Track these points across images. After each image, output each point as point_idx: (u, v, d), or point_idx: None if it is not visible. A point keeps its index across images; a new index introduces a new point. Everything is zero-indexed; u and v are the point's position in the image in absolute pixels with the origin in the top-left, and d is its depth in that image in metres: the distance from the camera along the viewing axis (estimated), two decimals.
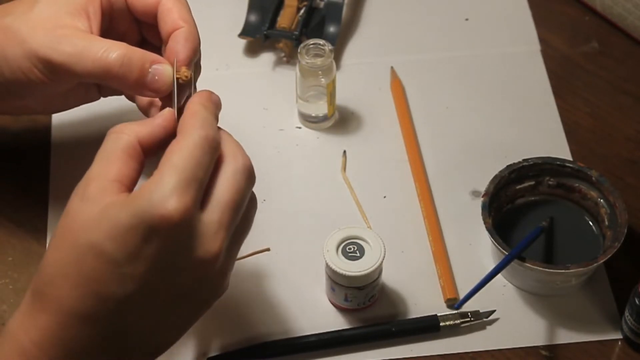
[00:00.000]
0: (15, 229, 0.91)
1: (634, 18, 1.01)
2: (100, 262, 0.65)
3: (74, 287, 0.65)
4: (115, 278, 0.65)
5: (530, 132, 0.97)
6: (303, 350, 0.84)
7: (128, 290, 0.65)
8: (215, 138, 0.68)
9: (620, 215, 0.85)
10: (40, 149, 0.95)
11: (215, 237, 0.66)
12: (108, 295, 0.65)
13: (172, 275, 0.66)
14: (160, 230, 0.64)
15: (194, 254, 0.66)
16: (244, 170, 0.69)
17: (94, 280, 0.65)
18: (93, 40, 0.77)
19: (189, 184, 0.65)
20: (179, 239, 0.65)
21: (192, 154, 0.66)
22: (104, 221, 0.65)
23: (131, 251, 0.64)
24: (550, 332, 0.85)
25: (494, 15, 1.06)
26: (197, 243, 0.66)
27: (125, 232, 0.64)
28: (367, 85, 1.00)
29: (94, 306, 0.65)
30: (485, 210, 0.85)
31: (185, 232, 0.65)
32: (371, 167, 0.95)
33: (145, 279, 0.65)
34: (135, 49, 0.76)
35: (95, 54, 0.75)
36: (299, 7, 1.02)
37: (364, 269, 0.82)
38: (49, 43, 0.77)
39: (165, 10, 0.78)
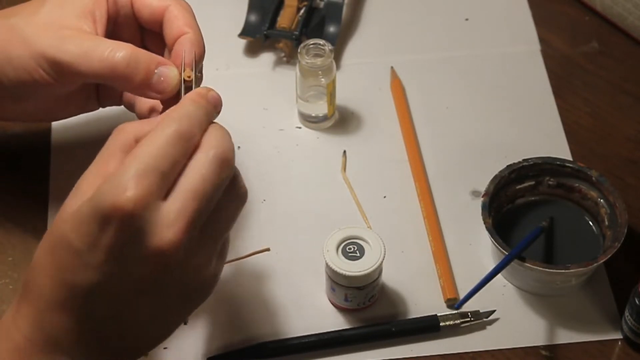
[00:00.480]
0: (15, 229, 0.91)
1: (634, 18, 1.01)
2: (66, 252, 0.65)
3: (49, 277, 0.66)
4: (79, 268, 0.65)
5: (530, 132, 0.97)
6: (303, 350, 0.84)
7: (92, 280, 0.65)
8: (190, 131, 0.67)
9: (620, 215, 0.85)
10: (40, 150, 0.95)
11: (172, 226, 0.65)
12: (75, 284, 0.66)
13: (130, 264, 0.66)
14: (114, 218, 0.64)
15: (149, 243, 0.65)
16: (215, 159, 0.67)
17: (63, 270, 0.66)
18: (99, 41, 0.77)
19: (148, 174, 0.65)
20: (133, 228, 0.65)
21: (158, 146, 0.66)
22: (72, 213, 0.65)
23: (90, 240, 0.65)
24: (550, 332, 0.85)
25: (494, 15, 1.06)
26: (153, 232, 0.65)
27: (84, 221, 0.65)
28: (367, 85, 1.00)
29: (65, 295, 0.66)
30: (485, 210, 0.85)
31: (139, 221, 0.65)
32: (371, 167, 0.95)
33: (105, 269, 0.65)
34: (142, 50, 0.76)
35: (101, 54, 0.76)
36: (299, 7, 1.02)
37: (364, 269, 0.82)
38: (55, 43, 0.77)
39: (172, 16, 0.79)
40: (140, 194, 0.64)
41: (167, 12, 0.79)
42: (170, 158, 0.66)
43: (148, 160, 0.65)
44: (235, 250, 0.89)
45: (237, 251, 0.88)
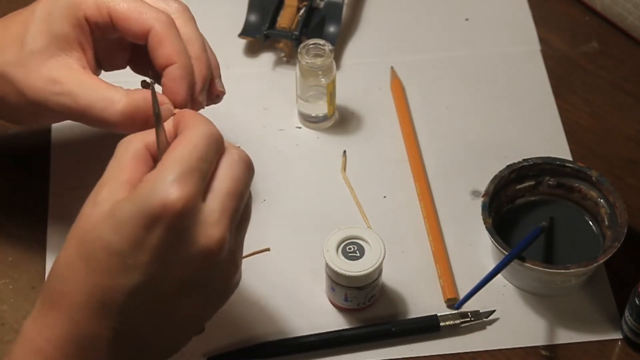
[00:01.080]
0: (15, 229, 0.91)
1: (634, 18, 1.01)
2: (105, 254, 0.65)
3: (82, 282, 0.66)
4: (120, 270, 0.65)
5: (530, 132, 0.97)
6: (303, 350, 0.84)
7: (134, 281, 0.65)
8: (219, 136, 0.69)
9: (620, 215, 0.85)
10: (40, 150, 0.95)
11: (217, 225, 0.66)
12: (115, 288, 0.65)
13: (176, 264, 0.66)
14: (162, 218, 0.64)
15: (197, 243, 0.66)
16: (241, 160, 0.70)
17: (100, 274, 0.65)
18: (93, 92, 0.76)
19: (190, 174, 0.65)
20: (181, 228, 0.65)
21: (195, 147, 0.67)
22: (109, 216, 0.65)
23: (134, 241, 0.65)
24: (550, 332, 0.85)
25: (494, 15, 1.06)
26: (200, 232, 0.66)
27: (127, 222, 0.64)
28: (367, 85, 1.00)
29: (103, 300, 0.66)
30: (485, 210, 0.85)
31: (187, 220, 0.65)
32: (371, 167, 0.95)
33: (149, 269, 0.65)
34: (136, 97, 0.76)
35: (98, 113, 0.76)
36: (299, 7, 1.02)
37: (364, 269, 0.82)
38: (49, 96, 0.77)
39: (156, 42, 0.77)
40: (186, 194, 0.65)
41: (151, 37, 0.77)
42: (208, 159, 0.67)
43: (189, 161, 0.66)
44: None
45: None
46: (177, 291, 0.67)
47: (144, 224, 0.64)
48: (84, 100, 0.76)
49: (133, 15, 0.77)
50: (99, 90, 0.76)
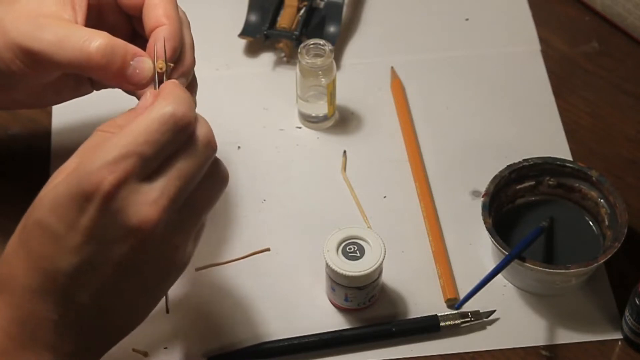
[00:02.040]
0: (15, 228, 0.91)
1: (634, 18, 1.01)
2: (43, 236, 0.65)
3: (24, 264, 0.66)
4: (57, 251, 0.65)
5: (530, 132, 0.97)
6: (303, 350, 0.84)
7: (72, 263, 0.65)
8: (186, 116, 0.67)
9: (620, 215, 0.85)
10: (40, 152, 0.95)
11: (152, 205, 0.65)
12: (54, 269, 0.65)
13: (109, 244, 0.66)
14: (93, 199, 0.64)
15: (128, 222, 0.65)
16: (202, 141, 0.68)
17: (40, 256, 0.66)
18: (75, 29, 0.75)
19: (127, 156, 0.64)
20: (113, 208, 0.65)
21: (146, 129, 0.65)
22: (46, 196, 0.65)
23: (69, 222, 0.65)
24: (550, 332, 0.85)
25: (494, 15, 1.06)
26: (133, 212, 0.65)
27: (62, 203, 0.65)
28: (367, 85, 1.00)
29: (43, 281, 0.66)
30: (485, 210, 0.85)
31: (119, 201, 0.65)
32: (371, 167, 0.95)
33: (85, 251, 0.65)
34: (118, 40, 0.75)
35: (76, 43, 0.74)
36: (299, 7, 1.02)
37: (364, 269, 0.82)
38: (30, 32, 0.76)
39: (151, 5, 0.77)
40: (119, 175, 0.64)
41: (147, 0, 0.77)
42: (157, 142, 0.66)
43: (131, 143, 0.65)
44: (235, 250, 0.89)
45: (237, 251, 0.88)
46: (112, 272, 0.67)
47: (76, 204, 0.64)
48: (64, 34, 0.75)
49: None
50: (81, 28, 0.76)
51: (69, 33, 0.75)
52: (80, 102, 0.87)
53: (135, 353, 0.83)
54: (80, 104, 0.88)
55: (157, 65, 0.74)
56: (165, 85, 0.71)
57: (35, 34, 0.75)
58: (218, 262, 0.87)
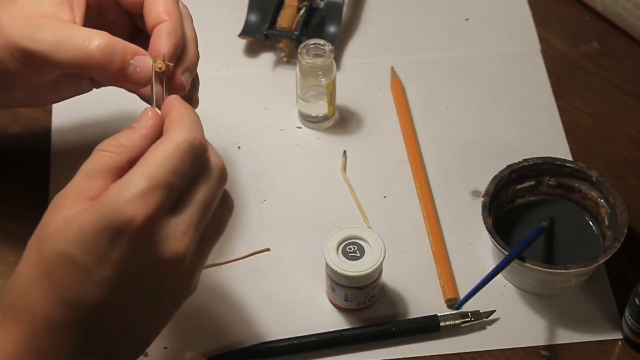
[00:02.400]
0: (15, 229, 0.91)
1: (634, 18, 1.01)
2: (68, 269, 0.64)
3: (45, 296, 0.64)
4: (84, 285, 0.64)
5: (530, 132, 0.97)
6: (303, 350, 0.84)
7: (98, 296, 0.64)
8: (202, 143, 0.67)
9: (620, 215, 0.85)
10: (40, 151, 0.95)
11: (182, 238, 0.65)
12: (78, 303, 0.64)
13: (139, 277, 0.65)
14: (125, 233, 0.63)
15: (160, 255, 0.65)
16: (216, 170, 0.68)
17: (63, 288, 0.64)
18: (74, 29, 0.75)
19: (158, 188, 0.64)
20: (143, 242, 0.64)
21: (169, 159, 0.65)
22: (71, 227, 0.64)
23: (98, 256, 0.63)
24: (550, 332, 0.85)
25: (494, 15, 1.06)
26: (164, 245, 0.65)
27: (91, 236, 0.63)
28: (367, 85, 1.00)
29: (65, 315, 0.65)
30: (485, 210, 0.85)
31: (150, 234, 0.64)
32: (371, 167, 0.95)
33: (113, 284, 0.64)
34: (117, 39, 0.74)
35: (75, 43, 0.74)
36: (299, 7, 1.02)
37: (364, 269, 0.82)
38: (28, 32, 0.75)
39: (151, 2, 0.76)
40: (148, 210, 0.63)
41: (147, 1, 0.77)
42: (181, 173, 0.65)
43: (158, 175, 0.64)
44: (235, 250, 0.89)
45: (237, 251, 0.88)
46: (139, 303, 0.66)
47: (108, 238, 0.63)
48: (62, 34, 0.74)
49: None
50: (80, 28, 0.75)
51: (67, 33, 0.75)
52: (80, 101, 0.87)
53: None
54: (80, 103, 0.88)
55: (156, 65, 0.73)
56: (170, 104, 0.69)
57: (33, 35, 0.75)
58: (218, 262, 0.87)
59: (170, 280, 0.67)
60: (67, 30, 0.75)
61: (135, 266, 0.65)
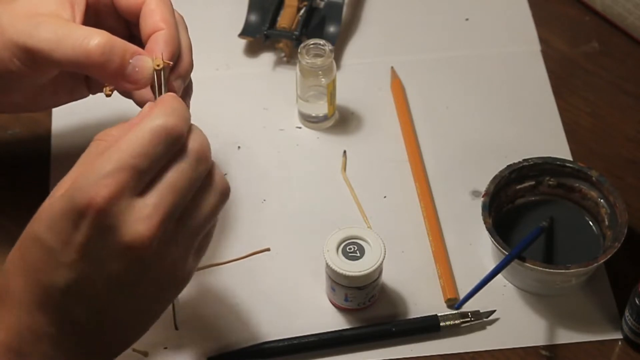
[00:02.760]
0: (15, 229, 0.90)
1: (634, 18, 1.01)
2: (40, 251, 0.65)
3: (22, 279, 0.66)
4: (53, 267, 0.65)
5: (530, 132, 0.97)
6: (303, 350, 0.84)
7: (67, 278, 0.65)
8: (177, 127, 0.66)
9: (620, 215, 0.85)
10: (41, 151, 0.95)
11: (146, 221, 0.65)
12: (51, 285, 0.65)
13: (104, 261, 0.65)
14: (87, 215, 0.64)
15: (122, 238, 0.65)
16: (192, 153, 0.67)
17: (36, 271, 0.66)
18: (73, 27, 0.75)
19: (123, 170, 0.64)
20: (105, 224, 0.64)
21: (139, 142, 0.65)
22: (44, 210, 0.65)
23: (64, 238, 0.64)
24: (550, 332, 0.85)
25: (494, 15, 1.06)
26: (126, 228, 0.65)
27: (58, 219, 0.64)
28: (367, 85, 1.00)
29: (41, 295, 0.66)
30: (485, 210, 0.85)
31: (113, 217, 0.64)
32: (371, 167, 0.95)
33: (79, 266, 0.65)
34: (117, 39, 0.74)
35: (75, 41, 0.74)
36: (299, 7, 1.02)
37: (364, 269, 0.82)
38: (28, 30, 0.75)
39: (148, 11, 0.76)
40: (110, 191, 0.64)
41: (145, 6, 0.77)
42: (152, 156, 0.65)
43: (124, 157, 0.64)
44: (235, 250, 0.89)
45: (237, 251, 0.88)
46: (108, 288, 0.66)
47: (72, 220, 0.64)
48: (62, 32, 0.75)
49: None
50: (80, 26, 0.75)
51: (67, 31, 0.75)
52: (81, 102, 0.87)
53: (135, 353, 0.83)
54: (80, 104, 0.88)
55: (155, 62, 0.73)
56: (163, 97, 0.70)
57: (33, 32, 0.75)
58: (218, 262, 0.87)
59: (139, 266, 0.66)
60: (66, 28, 0.75)
61: (99, 249, 0.65)
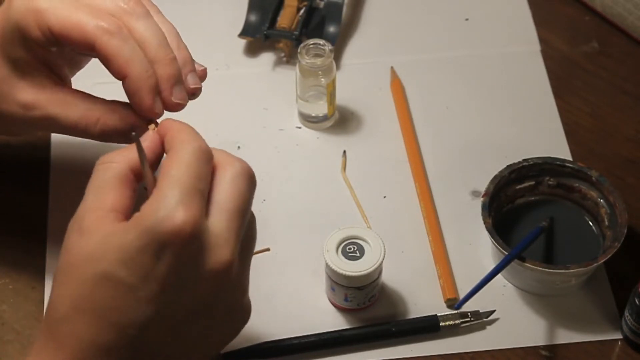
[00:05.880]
0: (15, 229, 0.91)
1: (634, 18, 1.01)
2: (114, 290, 0.63)
3: (91, 320, 0.63)
4: (132, 304, 0.63)
5: (530, 132, 0.97)
6: (303, 350, 0.84)
7: (147, 314, 0.63)
8: (208, 148, 0.67)
9: (620, 215, 0.85)
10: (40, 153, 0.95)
11: (225, 245, 0.64)
12: (127, 324, 0.63)
13: (187, 289, 0.64)
14: (171, 245, 0.62)
15: (207, 265, 0.64)
16: (243, 173, 0.67)
17: (110, 310, 0.63)
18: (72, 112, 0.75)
19: (192, 195, 0.63)
20: (190, 252, 0.63)
21: (189, 166, 0.65)
22: (110, 248, 0.63)
23: (144, 273, 0.62)
24: (550, 332, 0.85)
25: (494, 15, 1.06)
26: (209, 253, 0.64)
27: (135, 254, 0.62)
28: (367, 85, 1.00)
29: (114, 337, 0.63)
30: (485, 210, 0.85)
31: (196, 243, 0.63)
32: (371, 167, 0.95)
33: (162, 300, 0.63)
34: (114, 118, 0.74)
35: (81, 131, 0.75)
36: (299, 7, 1.02)
37: (364, 269, 0.82)
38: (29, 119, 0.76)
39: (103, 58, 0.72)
40: (192, 216, 0.63)
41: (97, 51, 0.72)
42: (203, 177, 0.65)
43: (188, 182, 0.64)
44: None
45: None
46: (187, 317, 0.65)
47: (153, 253, 0.62)
48: (65, 121, 0.75)
49: (73, 31, 0.72)
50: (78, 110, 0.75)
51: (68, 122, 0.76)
52: None
53: None
54: None
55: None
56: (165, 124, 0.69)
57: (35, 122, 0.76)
58: None
59: (219, 292, 0.65)
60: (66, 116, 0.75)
61: (183, 279, 0.63)
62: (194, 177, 0.64)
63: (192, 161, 0.65)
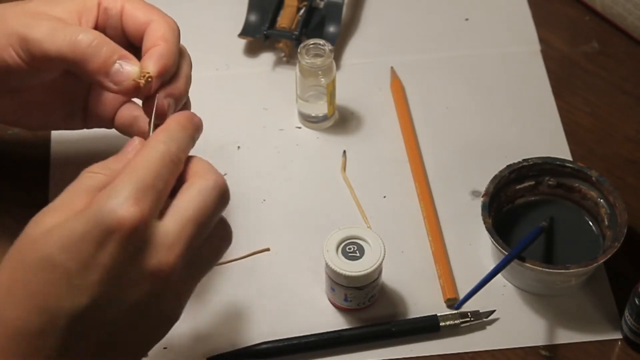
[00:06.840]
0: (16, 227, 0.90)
1: (634, 18, 1.01)
2: (50, 274, 0.62)
3: (20, 304, 0.63)
4: (66, 291, 0.62)
5: (530, 132, 0.97)
6: (303, 350, 0.84)
7: (80, 303, 0.63)
8: (178, 154, 0.67)
9: (620, 215, 0.85)
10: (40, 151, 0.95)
11: (171, 249, 0.64)
12: (58, 310, 0.63)
13: (124, 285, 0.64)
14: (115, 235, 0.62)
15: (148, 263, 0.64)
16: (215, 187, 0.67)
17: (42, 295, 0.63)
18: (70, 24, 0.76)
19: (146, 192, 0.64)
20: (134, 246, 0.63)
21: (150, 164, 0.65)
22: (56, 233, 0.63)
23: (83, 259, 0.62)
24: (550, 332, 0.85)
25: (494, 15, 1.06)
26: (152, 252, 0.64)
27: (78, 239, 0.62)
28: (367, 85, 1.00)
29: (43, 322, 0.63)
30: (485, 210, 0.85)
31: (140, 239, 0.63)
32: (371, 167, 0.95)
33: (98, 290, 0.63)
34: (109, 40, 0.75)
35: (67, 34, 0.74)
36: (299, 7, 1.02)
37: (364, 269, 0.82)
38: (28, 22, 0.76)
39: (151, 30, 0.77)
40: (140, 211, 0.63)
41: (149, 27, 0.77)
42: (163, 178, 0.65)
43: (145, 179, 0.64)
44: (235, 250, 0.89)
45: (237, 251, 0.88)
46: (123, 313, 0.65)
47: (96, 240, 0.62)
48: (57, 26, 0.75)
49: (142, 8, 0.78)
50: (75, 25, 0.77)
51: (62, 26, 0.75)
52: None
53: None
54: None
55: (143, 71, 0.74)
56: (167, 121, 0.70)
57: (32, 24, 0.76)
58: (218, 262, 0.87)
59: (155, 294, 0.65)
60: (63, 24, 0.76)
61: (121, 273, 0.63)
62: (152, 176, 0.64)
63: (155, 160, 0.65)
